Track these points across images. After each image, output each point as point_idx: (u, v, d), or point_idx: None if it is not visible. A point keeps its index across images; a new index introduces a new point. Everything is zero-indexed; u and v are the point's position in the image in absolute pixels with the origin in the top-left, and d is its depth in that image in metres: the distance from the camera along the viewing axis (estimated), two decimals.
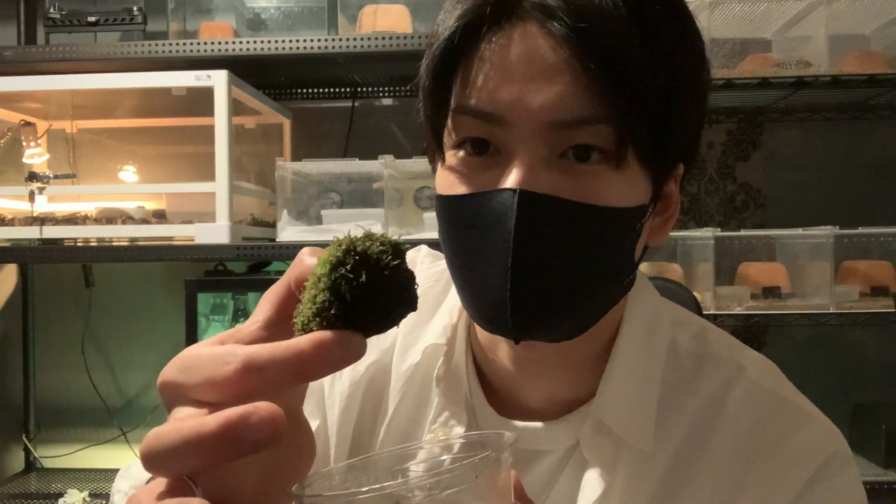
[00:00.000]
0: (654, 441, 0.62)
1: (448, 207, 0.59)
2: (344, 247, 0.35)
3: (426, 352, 0.68)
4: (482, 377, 0.69)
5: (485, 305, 0.58)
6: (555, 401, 0.66)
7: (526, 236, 0.54)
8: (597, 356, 0.65)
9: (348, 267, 0.34)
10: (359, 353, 0.34)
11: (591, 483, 0.62)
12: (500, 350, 0.65)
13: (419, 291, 0.37)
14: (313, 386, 0.72)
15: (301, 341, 0.34)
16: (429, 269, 0.76)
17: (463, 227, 0.58)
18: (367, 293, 0.35)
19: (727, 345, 0.68)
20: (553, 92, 0.54)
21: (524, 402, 0.67)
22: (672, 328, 0.68)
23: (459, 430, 0.66)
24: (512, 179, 0.54)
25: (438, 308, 0.72)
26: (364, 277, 0.34)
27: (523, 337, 0.59)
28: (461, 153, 0.58)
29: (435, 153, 0.62)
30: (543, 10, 0.54)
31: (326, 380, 0.72)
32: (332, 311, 0.35)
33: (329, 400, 0.72)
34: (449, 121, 0.59)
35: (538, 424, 0.65)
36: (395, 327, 0.36)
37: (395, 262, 0.35)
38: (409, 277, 0.36)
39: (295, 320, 0.36)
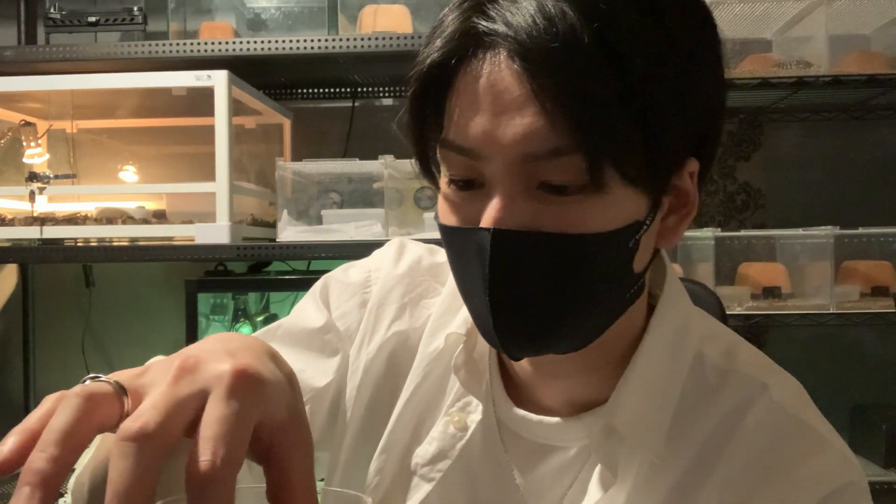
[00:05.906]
0: (667, 451, 0.62)
1: (443, 235, 0.61)
2: None
3: (449, 339, 0.70)
4: (504, 370, 0.70)
5: (480, 328, 0.61)
6: (571, 401, 0.67)
7: (501, 273, 0.56)
8: (617, 361, 0.65)
9: None
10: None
11: (598, 484, 0.63)
12: None
13: None
14: (337, 346, 0.74)
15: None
16: None
17: (455, 257, 0.61)
18: None
19: (756, 364, 0.67)
20: (522, 125, 0.53)
21: (541, 399, 0.68)
22: (701, 341, 0.67)
23: (475, 417, 0.68)
24: (487, 217, 0.55)
25: None
26: None
27: (518, 357, 0.62)
28: (451, 185, 0.60)
29: (429, 179, 0.63)
30: (506, 44, 0.54)
31: (355, 344, 0.74)
32: None
33: (353, 365, 0.73)
34: (437, 151, 0.60)
35: (553, 420, 0.67)
36: None
37: None
38: None
39: None
